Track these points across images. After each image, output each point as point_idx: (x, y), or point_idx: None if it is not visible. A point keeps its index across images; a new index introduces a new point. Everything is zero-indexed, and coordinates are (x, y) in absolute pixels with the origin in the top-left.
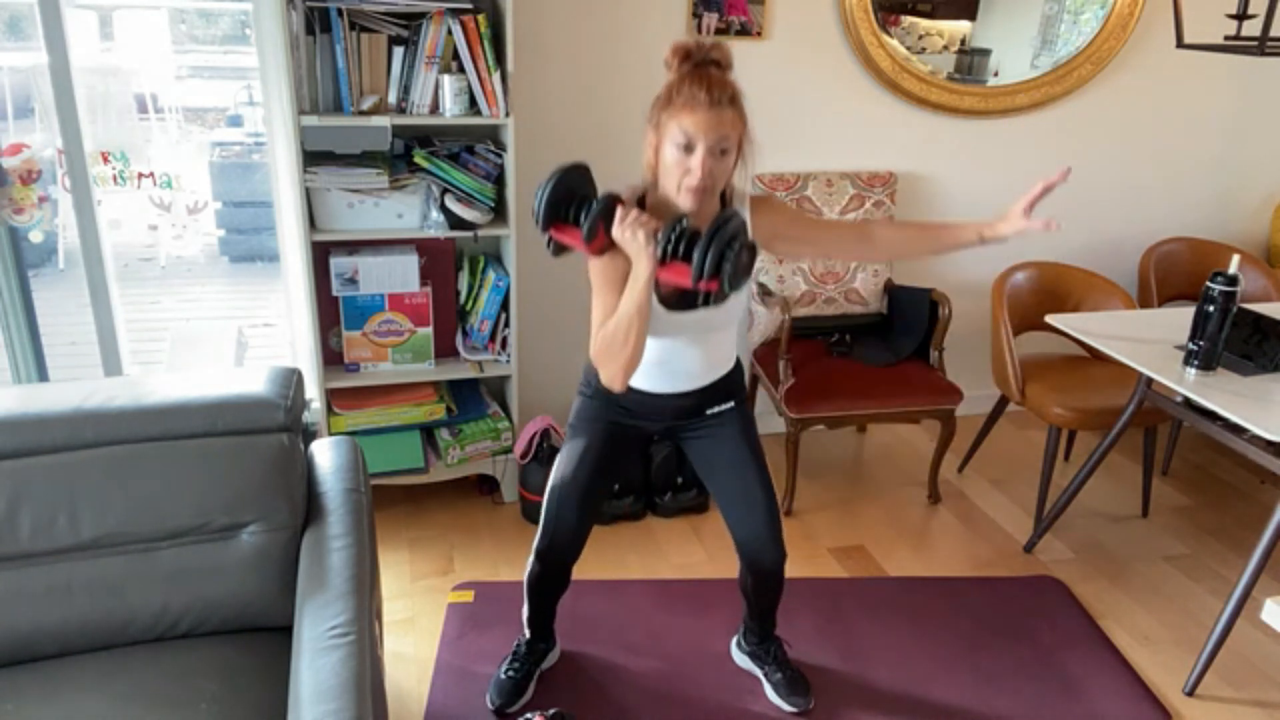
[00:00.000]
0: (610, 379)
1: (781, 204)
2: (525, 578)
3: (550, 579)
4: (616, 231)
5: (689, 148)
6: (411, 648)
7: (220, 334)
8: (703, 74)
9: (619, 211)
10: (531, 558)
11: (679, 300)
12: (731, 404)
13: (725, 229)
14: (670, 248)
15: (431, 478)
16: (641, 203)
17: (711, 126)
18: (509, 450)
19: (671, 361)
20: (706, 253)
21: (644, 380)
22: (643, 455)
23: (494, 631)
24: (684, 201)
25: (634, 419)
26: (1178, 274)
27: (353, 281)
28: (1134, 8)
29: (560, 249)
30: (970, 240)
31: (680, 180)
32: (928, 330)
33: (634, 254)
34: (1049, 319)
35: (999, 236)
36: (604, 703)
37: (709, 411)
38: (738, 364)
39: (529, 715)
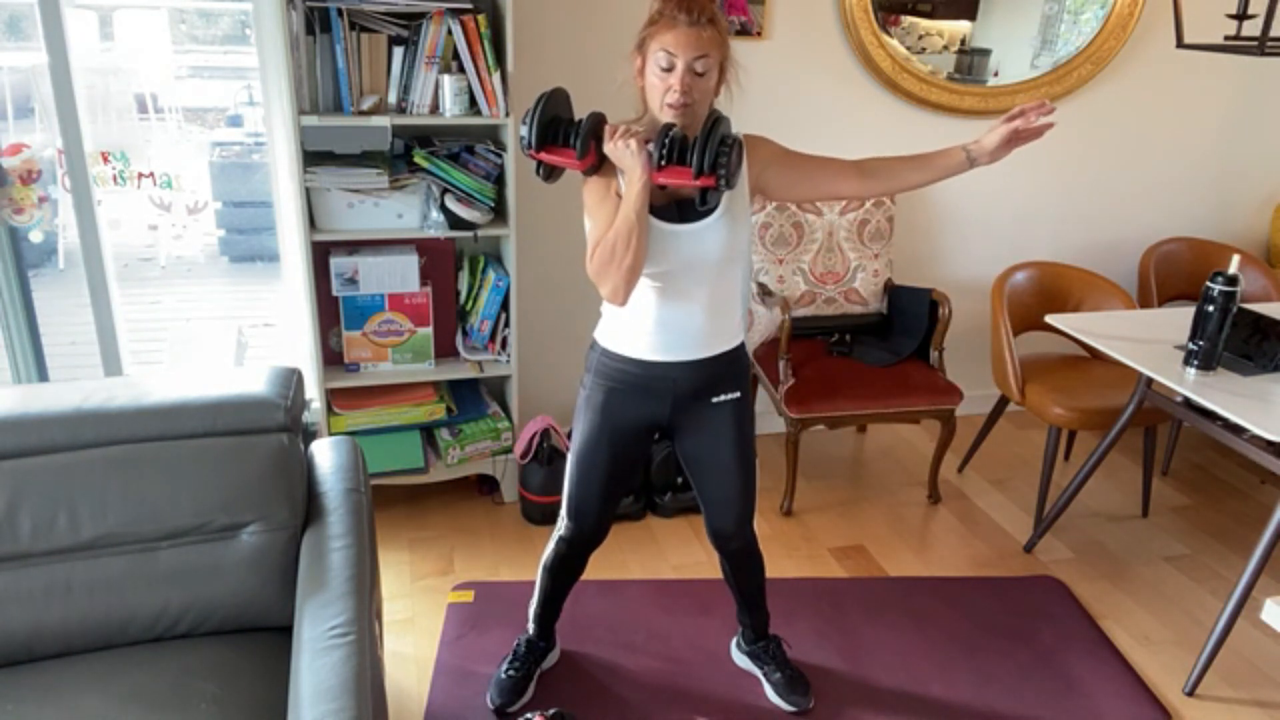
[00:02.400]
0: (612, 292)
1: (771, 141)
2: (542, 563)
3: (568, 563)
4: (608, 146)
5: (670, 67)
6: (411, 648)
7: (220, 334)
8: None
9: (607, 127)
10: (551, 543)
11: (677, 214)
12: (737, 395)
13: (718, 129)
14: (663, 152)
15: (431, 478)
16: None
17: (691, 44)
18: (509, 450)
19: (675, 324)
20: (705, 150)
21: (647, 347)
22: (643, 461)
23: (494, 631)
24: (666, 117)
25: (638, 403)
26: (1178, 274)
27: (353, 281)
28: (1134, 8)
29: (551, 172)
30: (959, 161)
31: (663, 99)
32: (928, 330)
33: (627, 164)
34: (1049, 319)
35: (984, 150)
36: (604, 703)
37: (714, 400)
38: (743, 348)
39: (529, 715)
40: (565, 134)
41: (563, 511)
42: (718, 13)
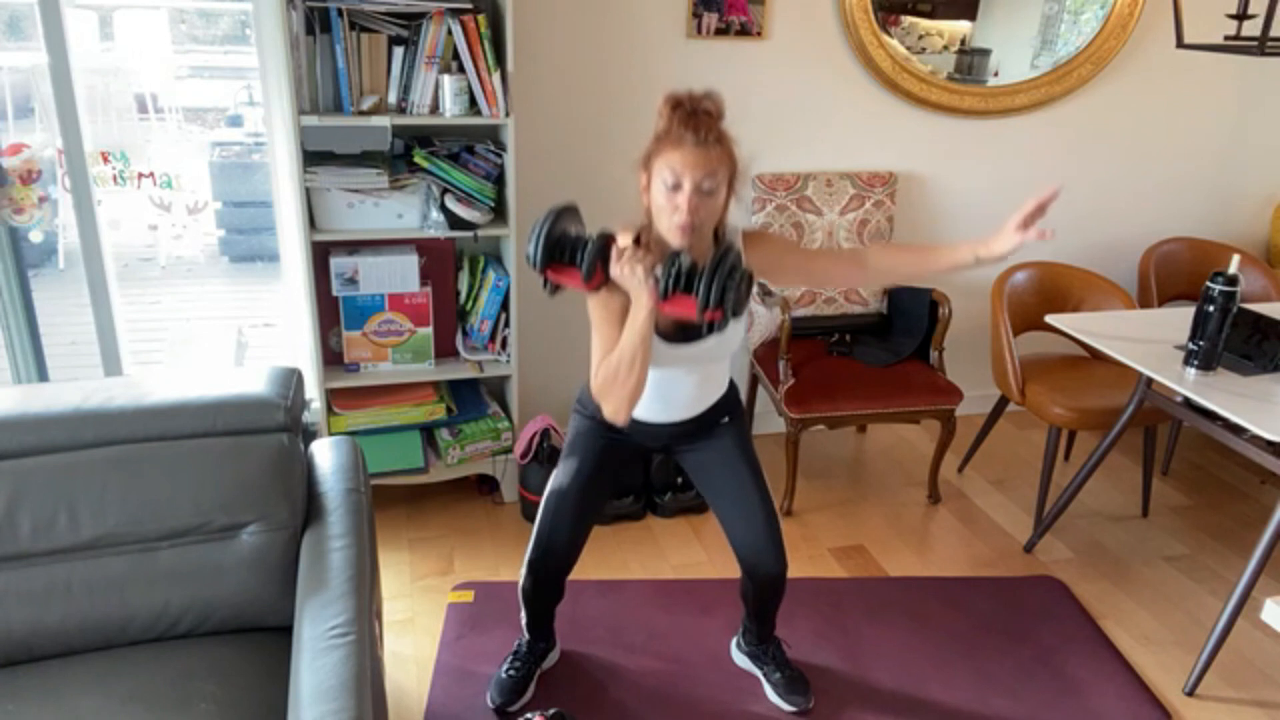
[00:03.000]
0: (614, 413)
1: (775, 236)
2: (519, 588)
3: (543, 590)
4: (614, 269)
5: (676, 186)
6: (411, 648)
7: (220, 334)
8: (692, 116)
9: (614, 250)
10: (524, 570)
11: (679, 334)
12: (727, 419)
13: (726, 260)
14: (670, 282)
15: (431, 478)
16: (637, 240)
17: (698, 164)
18: (509, 450)
19: (668, 393)
20: (711, 284)
21: (640, 411)
22: (641, 464)
23: (494, 631)
24: (674, 240)
25: (631, 440)
26: (1178, 274)
27: (353, 281)
28: (1134, 8)
29: (557, 289)
30: (966, 260)
31: (670, 219)
32: (928, 330)
33: (633, 290)
34: (1049, 319)
35: (994, 255)
36: (604, 703)
37: (703, 430)
38: (732, 385)
39: (529, 715)
40: (572, 251)
41: (532, 540)
42: (724, 129)
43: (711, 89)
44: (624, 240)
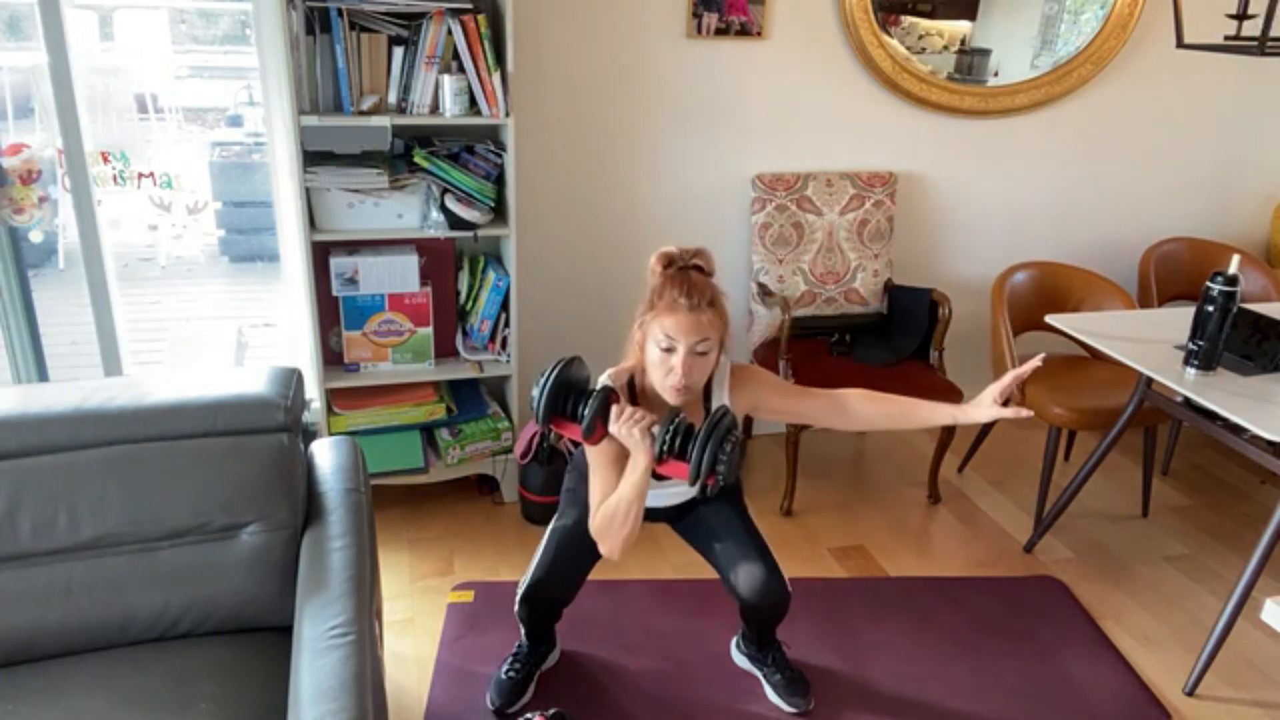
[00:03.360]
0: (610, 552)
1: (763, 376)
2: (515, 611)
3: (540, 616)
4: (614, 428)
5: (670, 349)
6: (411, 648)
7: (220, 334)
8: (683, 277)
9: (614, 409)
10: (519, 597)
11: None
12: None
13: (718, 429)
14: (666, 446)
15: (431, 478)
16: (632, 384)
17: (692, 329)
18: (509, 450)
19: (660, 493)
20: (703, 453)
21: None
22: None
23: (494, 631)
24: (669, 397)
25: None
26: (1178, 274)
27: (353, 281)
28: (1134, 8)
29: (560, 438)
30: (944, 420)
31: (665, 379)
32: (928, 330)
33: (632, 448)
34: (1049, 319)
35: (971, 421)
36: (604, 703)
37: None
38: None
39: (529, 715)
40: (574, 406)
41: (531, 570)
42: (717, 295)
43: (704, 248)
44: (606, 380)
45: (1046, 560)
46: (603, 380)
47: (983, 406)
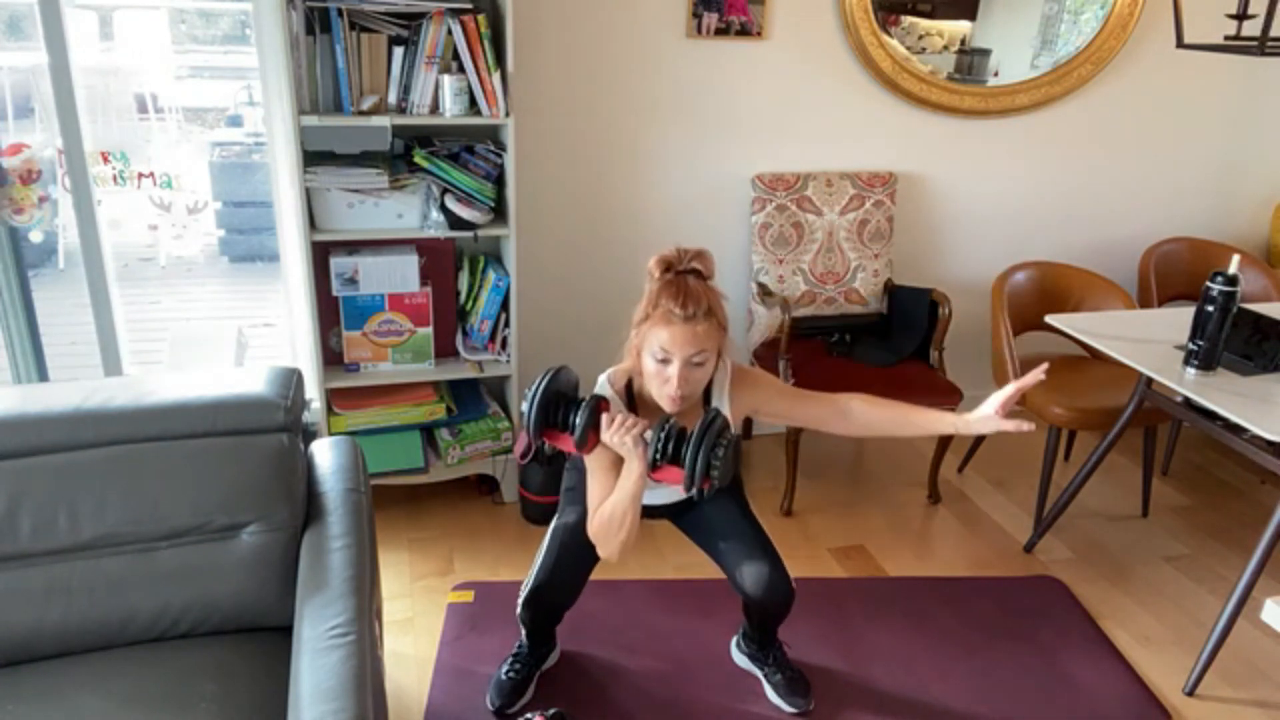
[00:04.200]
0: (608, 555)
1: (764, 379)
2: (517, 614)
3: (542, 620)
4: (606, 436)
5: (666, 361)
6: (411, 648)
7: (220, 334)
8: (680, 284)
9: (605, 417)
10: (521, 601)
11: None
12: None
13: (709, 433)
14: (659, 454)
15: (431, 478)
16: (630, 386)
17: (688, 341)
18: (509, 450)
19: (658, 491)
20: (696, 457)
21: None
22: None
23: (494, 631)
24: (665, 406)
25: None
26: (1178, 274)
27: (353, 281)
28: (1134, 8)
29: (554, 450)
30: (945, 429)
31: (660, 389)
32: (928, 330)
33: (625, 455)
34: (1049, 319)
35: (972, 432)
36: (604, 703)
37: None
38: None
39: (529, 715)
40: (566, 416)
41: (534, 571)
42: (714, 303)
43: (705, 249)
44: (604, 383)
45: (1046, 560)
46: (601, 382)
47: (984, 418)
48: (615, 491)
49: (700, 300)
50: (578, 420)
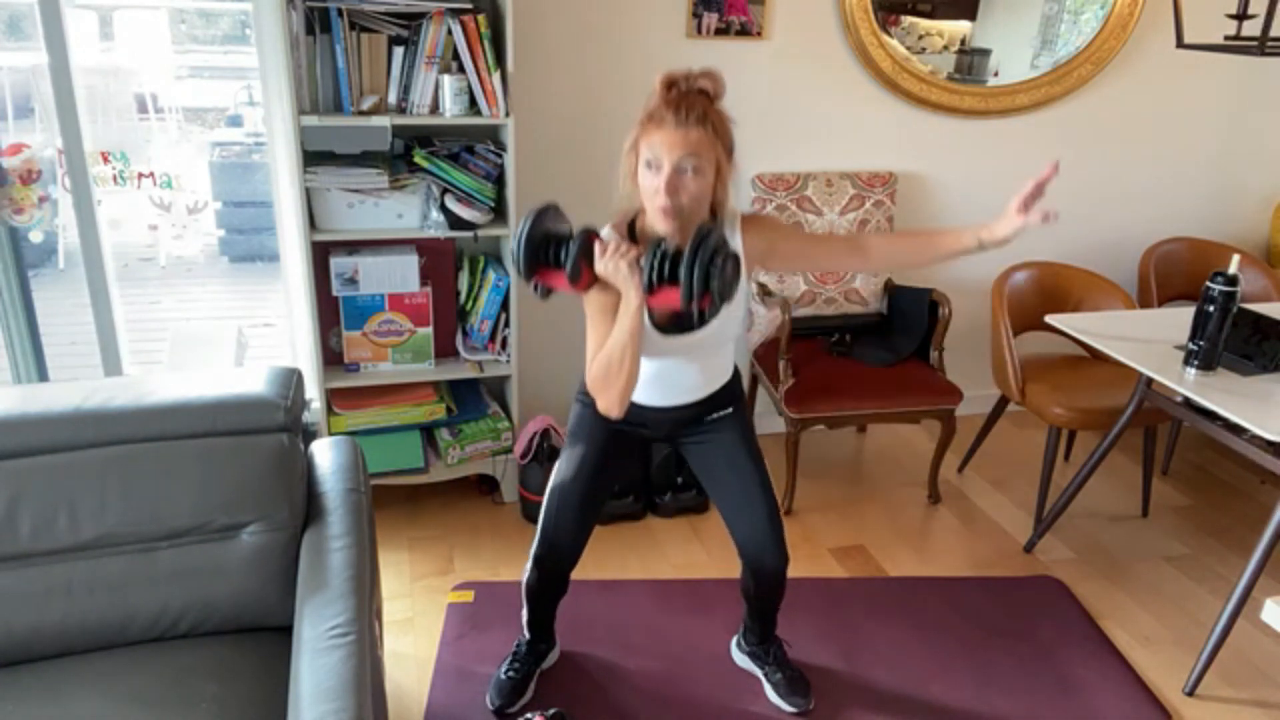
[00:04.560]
0: (607, 407)
1: (773, 220)
2: (523, 584)
3: (548, 585)
4: (599, 266)
5: (656, 167)
6: (411, 648)
7: (220, 334)
8: (676, 96)
9: (597, 246)
10: (529, 565)
11: (673, 324)
12: (730, 410)
13: (705, 245)
14: (654, 275)
15: (431, 478)
16: (632, 227)
17: (676, 144)
18: (509, 450)
19: (669, 378)
20: (692, 272)
21: (642, 395)
22: (643, 457)
23: (494, 631)
24: (660, 224)
25: (633, 427)
26: (1178, 274)
27: (353, 281)
28: (1134, 8)
29: (548, 291)
30: (969, 245)
31: (653, 202)
32: (928, 330)
33: (620, 285)
34: (1049, 319)
35: (997, 239)
36: (604, 703)
37: (708, 419)
38: (736, 372)
39: (529, 715)
40: (556, 253)
41: (538, 534)
42: (714, 112)
43: (714, 68)
44: (608, 233)
45: (1046, 560)
46: (605, 233)
47: (1006, 218)
48: (614, 330)
49: (695, 106)
50: (568, 252)
